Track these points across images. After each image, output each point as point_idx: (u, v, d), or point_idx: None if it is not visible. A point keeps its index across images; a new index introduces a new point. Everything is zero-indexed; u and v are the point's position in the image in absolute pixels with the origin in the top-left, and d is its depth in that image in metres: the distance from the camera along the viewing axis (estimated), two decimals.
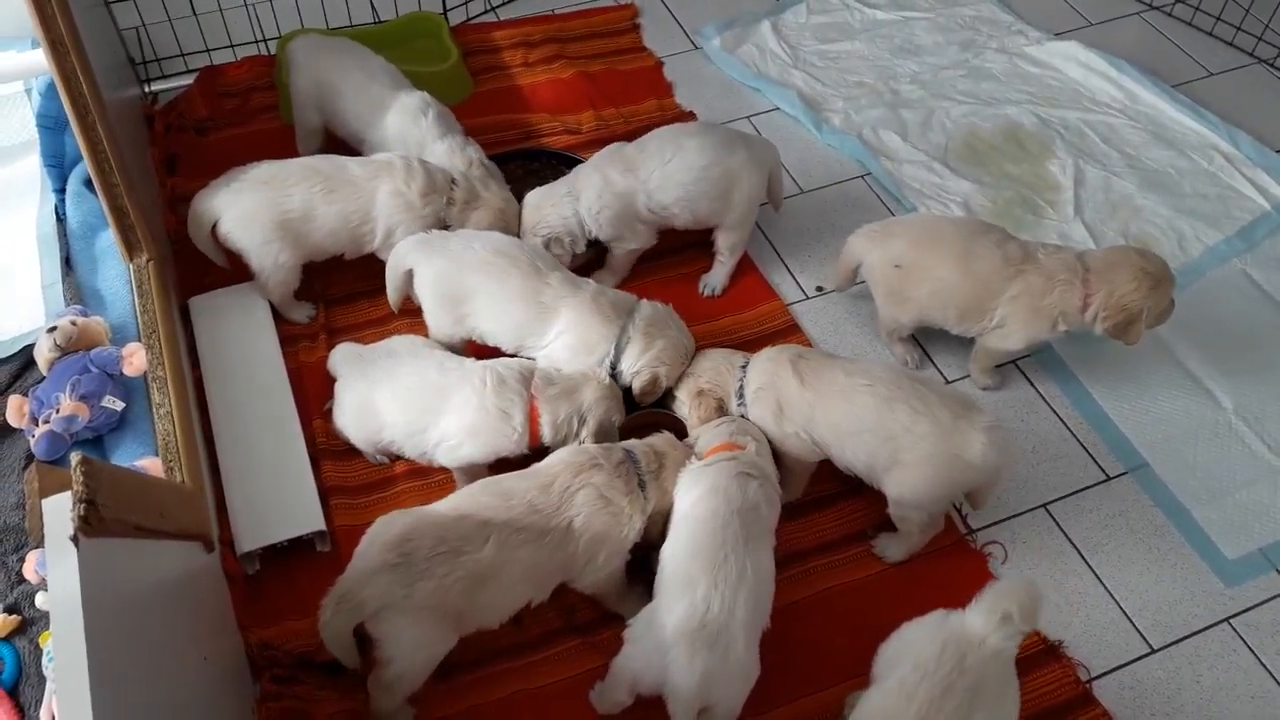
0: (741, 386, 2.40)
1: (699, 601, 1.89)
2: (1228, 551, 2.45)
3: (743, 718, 2.03)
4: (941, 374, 2.78)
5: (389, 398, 2.37)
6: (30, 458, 2.33)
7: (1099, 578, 2.39)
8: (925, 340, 2.82)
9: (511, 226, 2.74)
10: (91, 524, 1.33)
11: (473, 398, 2.29)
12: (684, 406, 2.47)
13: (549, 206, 2.72)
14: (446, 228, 2.68)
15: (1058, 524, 2.49)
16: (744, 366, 2.43)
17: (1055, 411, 2.70)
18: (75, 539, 1.30)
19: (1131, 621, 2.33)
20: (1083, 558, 2.43)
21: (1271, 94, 3.61)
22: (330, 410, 2.51)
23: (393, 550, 1.94)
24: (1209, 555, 2.44)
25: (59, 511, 1.32)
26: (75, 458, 1.37)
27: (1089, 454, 2.62)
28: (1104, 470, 2.59)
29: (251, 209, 2.59)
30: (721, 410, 2.42)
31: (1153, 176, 3.27)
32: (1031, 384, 2.76)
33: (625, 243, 2.78)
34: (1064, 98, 3.53)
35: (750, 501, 2.10)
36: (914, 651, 1.85)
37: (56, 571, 1.30)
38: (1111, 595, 2.37)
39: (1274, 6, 3.72)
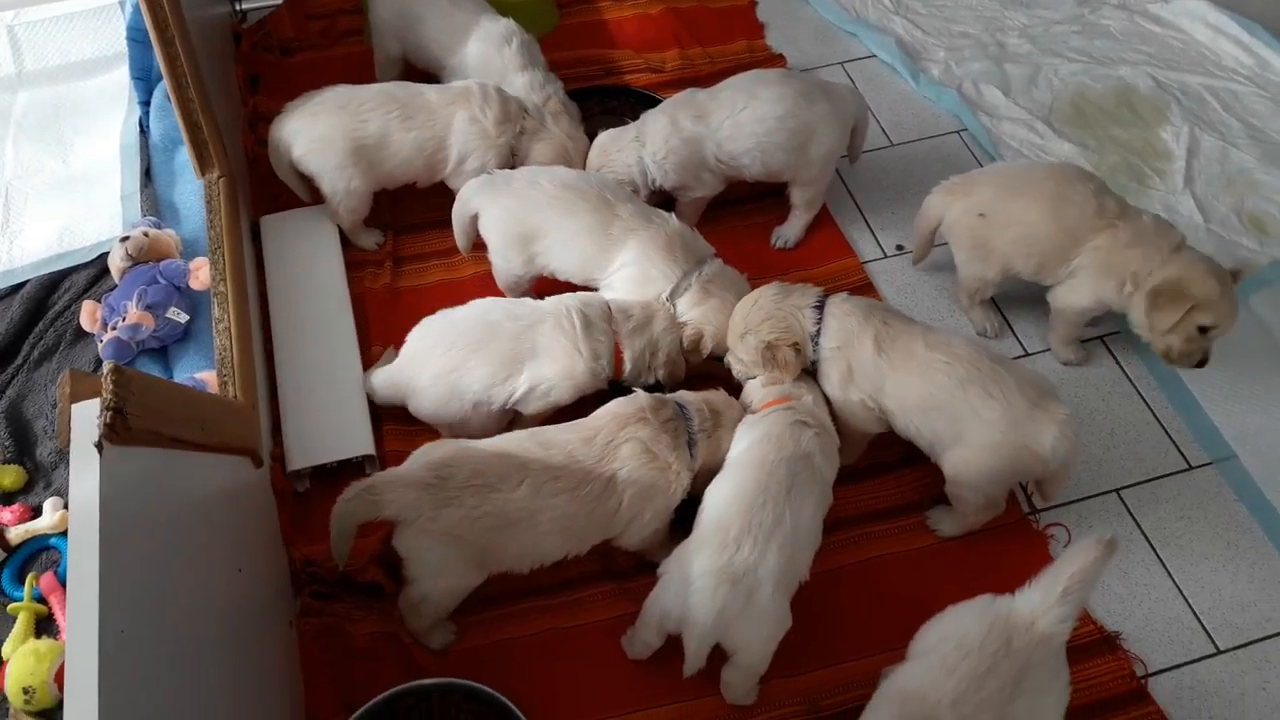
0: (819, 331, 2.23)
1: (730, 542, 1.87)
2: None
3: (770, 677, 2.02)
4: (1021, 344, 2.64)
5: (465, 359, 2.28)
6: (99, 362, 2.40)
7: (1168, 571, 2.27)
8: (1006, 308, 2.69)
9: (574, 163, 2.68)
10: (118, 431, 1.34)
11: (562, 340, 2.26)
12: (744, 367, 2.31)
13: (615, 150, 2.67)
14: (514, 157, 2.65)
15: (1129, 511, 2.36)
16: (816, 306, 2.24)
17: (1140, 393, 2.55)
18: (100, 445, 1.31)
19: (1199, 619, 2.20)
20: (1153, 548, 2.30)
21: None
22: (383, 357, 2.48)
23: (431, 472, 1.95)
24: None
25: (86, 418, 1.33)
26: (106, 366, 1.38)
27: (1171, 440, 2.47)
28: (1186, 459, 2.44)
29: (327, 133, 2.59)
30: (799, 357, 2.23)
31: (1276, 150, 3.03)
32: (1118, 362, 2.61)
33: (691, 191, 2.70)
34: (1186, 60, 3.29)
35: (803, 450, 2.05)
36: (959, 630, 1.79)
37: (78, 478, 1.31)
38: (1180, 590, 2.24)
39: None
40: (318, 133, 2.61)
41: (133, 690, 1.27)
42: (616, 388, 2.32)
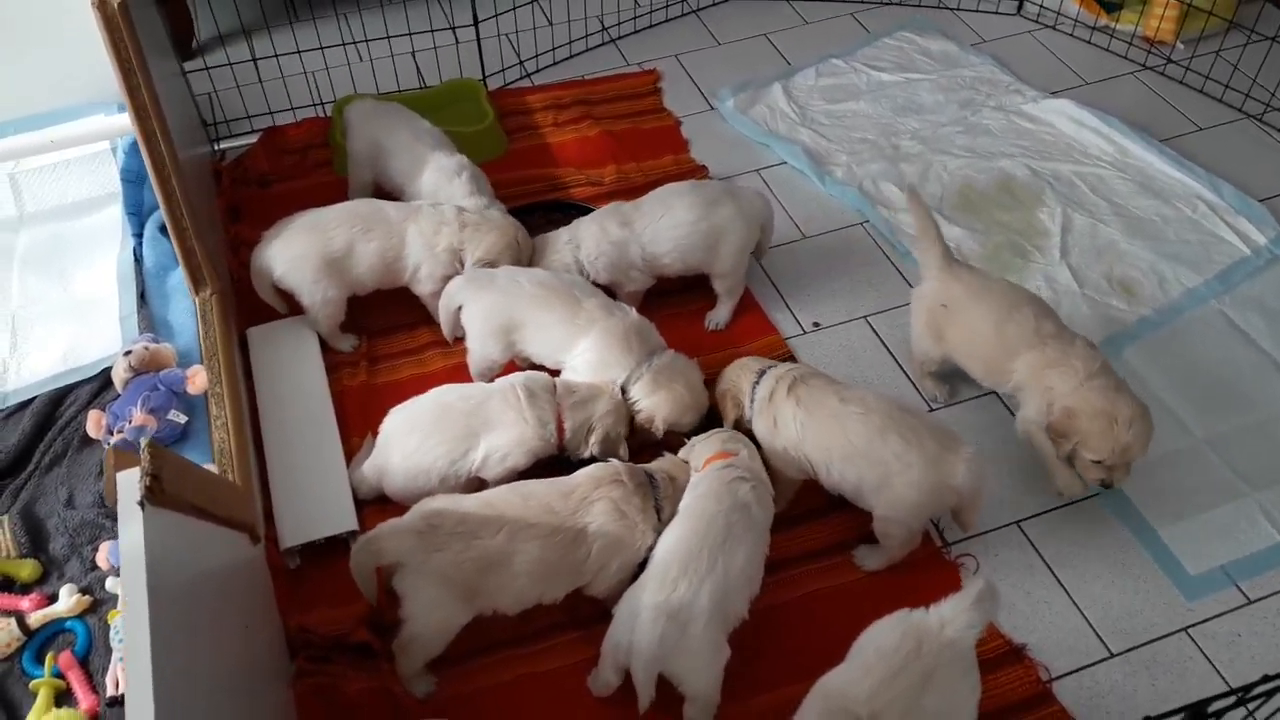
0: (754, 390, 2.62)
1: (669, 582, 2.15)
2: (1190, 568, 2.61)
3: (723, 703, 2.25)
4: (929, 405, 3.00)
5: (426, 439, 2.58)
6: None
7: (1065, 589, 2.57)
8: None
9: (523, 250, 3.02)
10: (155, 494, 1.62)
11: (510, 412, 2.57)
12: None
13: (553, 254, 3.04)
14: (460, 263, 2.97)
15: (1029, 540, 2.67)
16: (759, 372, 2.65)
17: None
18: (142, 504, 1.59)
19: (1093, 628, 2.50)
20: (1051, 571, 2.60)
21: (1256, 146, 3.81)
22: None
23: (423, 520, 2.26)
24: (1172, 571, 2.60)
25: (130, 482, 1.61)
26: (144, 442, 1.67)
27: None
28: None
29: (301, 253, 2.92)
30: (738, 408, 2.65)
31: (1138, 224, 3.48)
32: (1012, 414, 2.95)
33: (623, 287, 3.07)
34: (1056, 151, 3.77)
35: (740, 502, 2.33)
36: (878, 638, 2.08)
37: (126, 532, 1.59)
38: (1076, 605, 2.54)
39: (1260, 64, 3.94)
40: (293, 253, 2.93)
41: (177, 704, 1.53)
42: (570, 462, 2.62)
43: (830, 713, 1.96)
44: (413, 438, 2.58)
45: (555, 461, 2.65)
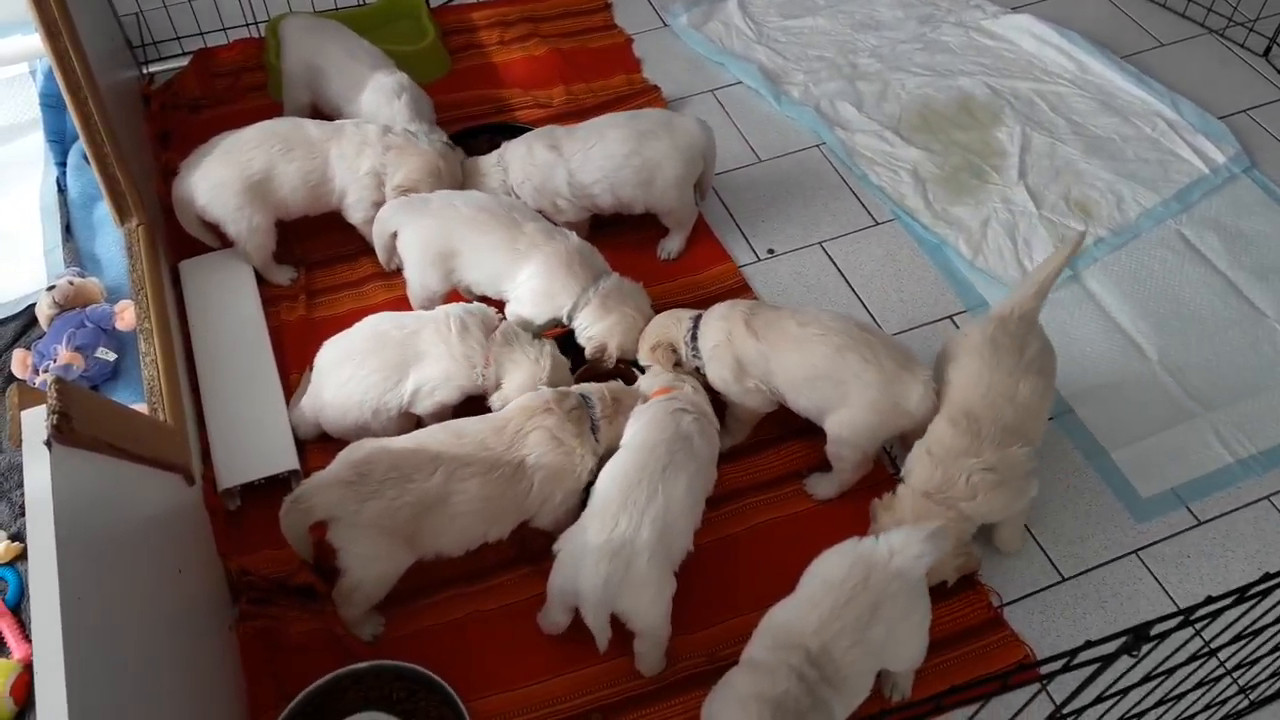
0: (693, 336, 2.52)
1: (609, 519, 2.10)
2: (1142, 490, 2.61)
3: (673, 635, 2.23)
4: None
5: (358, 369, 2.48)
6: None
7: None
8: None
9: (442, 184, 2.86)
10: (64, 432, 1.53)
11: (440, 345, 2.47)
12: (647, 364, 2.61)
13: (481, 177, 2.93)
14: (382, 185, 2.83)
15: None
16: (693, 319, 2.55)
17: None
18: (49, 443, 1.51)
19: (1045, 553, 2.50)
20: None
21: (1219, 62, 3.74)
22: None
23: (351, 469, 2.16)
24: (1123, 494, 2.60)
25: (35, 421, 1.52)
26: (50, 379, 1.58)
27: None
28: None
29: (221, 179, 2.78)
30: (675, 355, 2.54)
31: (1097, 143, 3.42)
32: None
33: (554, 217, 2.91)
34: (1016, 69, 3.68)
35: (682, 433, 2.27)
36: (826, 569, 2.05)
37: (31, 474, 1.50)
38: (1028, 529, 2.53)
39: None
40: (213, 181, 2.79)
41: (92, 654, 1.46)
42: None
43: (779, 645, 1.94)
44: (345, 369, 2.48)
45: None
